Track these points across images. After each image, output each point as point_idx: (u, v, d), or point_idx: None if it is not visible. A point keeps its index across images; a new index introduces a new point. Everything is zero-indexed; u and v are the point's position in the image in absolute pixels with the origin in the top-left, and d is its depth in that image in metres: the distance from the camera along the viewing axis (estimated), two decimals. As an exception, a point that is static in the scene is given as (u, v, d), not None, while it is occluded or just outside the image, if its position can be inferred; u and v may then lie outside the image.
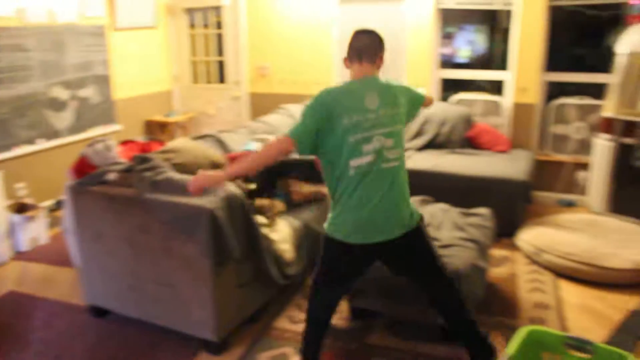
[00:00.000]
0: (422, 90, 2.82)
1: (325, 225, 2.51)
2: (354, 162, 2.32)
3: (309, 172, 3.40)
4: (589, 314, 3.35)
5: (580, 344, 2.07)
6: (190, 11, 6.62)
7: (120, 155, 3.70)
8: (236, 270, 2.94)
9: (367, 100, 2.41)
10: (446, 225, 3.45)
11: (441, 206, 3.75)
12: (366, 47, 2.56)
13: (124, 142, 4.11)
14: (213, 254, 2.70)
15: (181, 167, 3.23)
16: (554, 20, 5.25)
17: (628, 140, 4.39)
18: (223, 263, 2.79)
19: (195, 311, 2.88)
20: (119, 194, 2.98)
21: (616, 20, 5.07)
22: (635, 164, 4.36)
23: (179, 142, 3.55)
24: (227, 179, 2.48)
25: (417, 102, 2.72)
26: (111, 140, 3.77)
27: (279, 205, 3.50)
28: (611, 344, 2.70)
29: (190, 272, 2.82)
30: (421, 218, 2.54)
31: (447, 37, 6.10)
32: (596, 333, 3.12)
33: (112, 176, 3.11)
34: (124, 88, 6.00)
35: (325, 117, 2.34)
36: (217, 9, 6.48)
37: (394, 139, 2.41)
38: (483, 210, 3.68)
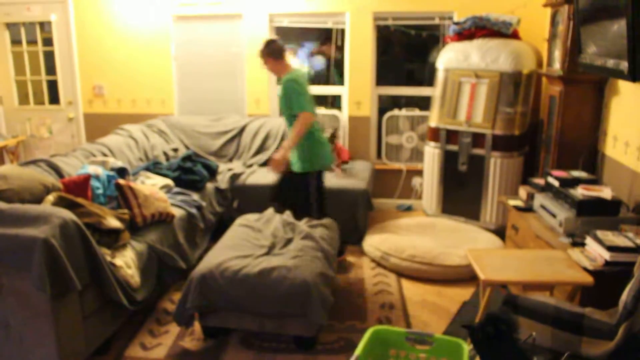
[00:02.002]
0: None
1: (305, 164, 3.92)
2: None
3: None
4: (430, 309, 3.63)
5: (421, 337, 2.23)
6: (11, 26, 6.10)
7: None
8: (80, 301, 2.76)
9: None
10: (296, 237, 3.54)
11: (286, 218, 3.83)
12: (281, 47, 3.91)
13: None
14: (50, 287, 2.51)
15: (9, 195, 2.98)
16: (385, 39, 5.66)
17: (452, 147, 4.84)
18: (63, 295, 2.61)
19: (35, 351, 2.65)
20: None
21: (436, 39, 5.60)
22: (460, 168, 4.82)
23: (5, 169, 3.26)
24: (291, 147, 3.81)
25: None
26: None
27: (125, 235, 3.34)
28: (448, 334, 2.96)
29: (27, 309, 2.60)
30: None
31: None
32: (437, 325, 3.40)
33: None
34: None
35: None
36: (43, 24, 6.05)
37: None
38: (327, 221, 3.83)
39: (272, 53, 3.90)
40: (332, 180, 4.75)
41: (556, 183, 3.44)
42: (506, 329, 1.58)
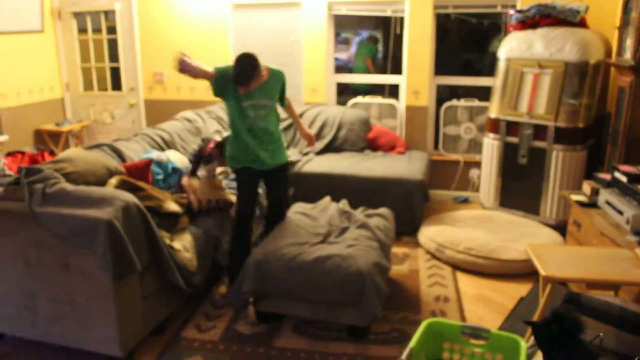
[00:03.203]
0: None
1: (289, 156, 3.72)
2: None
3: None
4: (485, 304, 3.56)
5: (476, 332, 2.19)
6: (78, 15, 6.31)
7: (7, 168, 3.47)
8: (139, 282, 2.85)
9: None
10: (352, 226, 3.53)
11: (342, 207, 3.83)
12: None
13: (11, 154, 3.86)
14: (113, 267, 2.60)
15: (75, 178, 3.08)
16: (444, 28, 5.55)
17: (512, 139, 4.71)
18: (124, 276, 2.69)
19: (97, 327, 2.76)
20: (7, 208, 2.79)
21: (498, 28, 5.44)
22: (520, 161, 4.68)
23: (72, 152, 3.38)
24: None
25: None
26: (-5, 152, 3.53)
27: (184, 219, 3.42)
28: (504, 330, 2.89)
29: (91, 287, 2.70)
30: None
31: (345, 42, 6.25)
32: (492, 320, 3.33)
33: (-2, 190, 2.91)
34: (8, 96, 5.62)
35: None
36: (107, 13, 6.23)
37: None
38: (384, 211, 3.80)
39: (260, 68, 3.31)
40: (388, 170, 4.71)
41: (624, 178, 3.29)
42: (572, 329, 1.52)
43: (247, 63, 3.22)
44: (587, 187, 3.68)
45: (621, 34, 4.09)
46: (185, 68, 3.31)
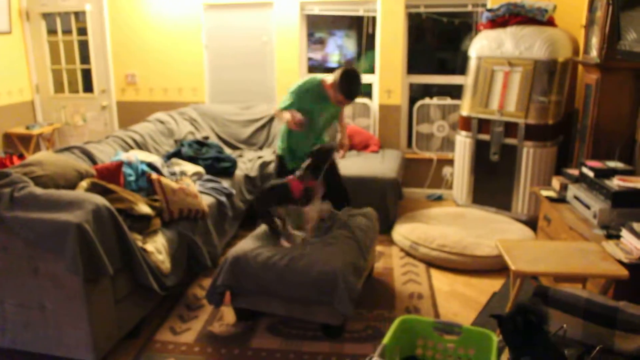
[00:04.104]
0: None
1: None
2: None
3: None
4: (459, 299, 3.60)
5: (448, 327, 2.21)
6: (47, 16, 6.21)
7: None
8: (112, 285, 2.82)
9: None
10: (334, 226, 3.53)
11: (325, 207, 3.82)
12: None
13: (-22, 158, 3.79)
14: (83, 271, 2.56)
15: (44, 181, 3.04)
16: (418, 27, 5.59)
17: (484, 137, 4.77)
18: (96, 279, 2.67)
19: (69, 332, 2.72)
20: (-26, 213, 2.74)
21: (469, 27, 5.51)
22: (492, 158, 4.74)
23: (41, 155, 3.33)
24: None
25: None
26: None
27: (156, 221, 3.38)
28: (477, 325, 2.93)
29: (61, 292, 2.66)
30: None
31: (320, 42, 6.25)
32: (466, 316, 3.37)
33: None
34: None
35: None
36: (78, 14, 6.15)
37: None
38: (367, 210, 3.82)
39: None
40: (362, 168, 4.74)
41: (591, 174, 3.36)
42: (536, 320, 1.55)
43: (359, 80, 3.45)
44: (556, 182, 3.75)
45: (587, 32, 4.17)
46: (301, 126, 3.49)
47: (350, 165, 4.83)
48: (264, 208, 3.34)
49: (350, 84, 3.43)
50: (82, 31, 6.19)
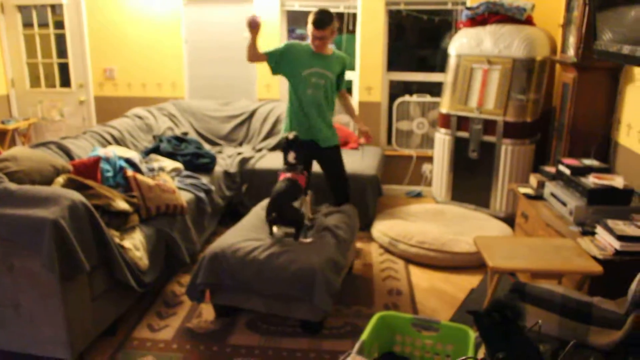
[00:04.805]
0: None
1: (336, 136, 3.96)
2: None
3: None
4: (438, 296, 3.63)
5: (427, 323, 2.23)
6: (24, 9, 6.11)
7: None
8: (88, 282, 2.79)
9: None
10: (314, 222, 3.54)
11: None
12: None
13: (-49, 153, 3.70)
14: (60, 268, 2.53)
15: (20, 177, 2.99)
16: (397, 24, 5.61)
17: (463, 134, 4.80)
18: (72, 276, 2.63)
19: (45, 330, 2.68)
20: (-54, 209, 2.69)
21: (448, 25, 5.54)
22: (470, 155, 4.78)
23: (16, 150, 3.27)
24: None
25: None
26: None
27: (134, 218, 3.35)
28: (455, 321, 2.95)
29: (36, 289, 2.62)
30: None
31: (300, 38, 6.23)
32: (444, 312, 3.39)
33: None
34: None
35: None
36: (54, 7, 6.05)
37: None
38: (347, 207, 3.82)
39: (336, 28, 3.80)
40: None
41: (567, 171, 3.41)
42: (512, 316, 1.57)
43: (325, 11, 3.68)
44: (533, 180, 3.79)
45: (565, 32, 4.22)
46: (255, 24, 3.61)
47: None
48: (288, 211, 3.28)
49: (317, 13, 3.66)
50: (59, 25, 6.09)
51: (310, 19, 3.67)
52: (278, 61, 3.79)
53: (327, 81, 3.79)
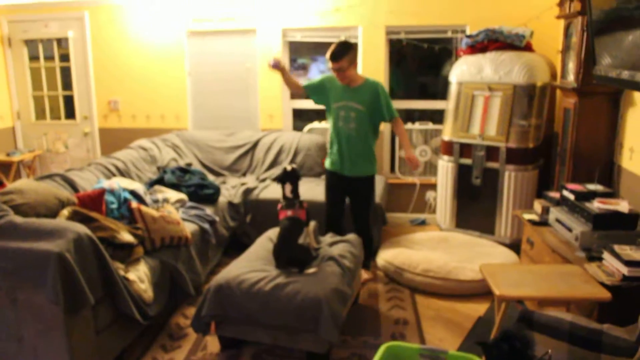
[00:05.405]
0: None
1: (374, 167, 4.08)
2: None
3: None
4: (444, 325, 3.59)
5: (434, 354, 2.21)
6: (30, 42, 6.21)
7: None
8: (93, 315, 2.77)
9: None
10: (320, 252, 3.52)
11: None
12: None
13: (-44, 187, 3.73)
14: (64, 301, 2.52)
15: (25, 210, 3.00)
16: (399, 52, 5.68)
17: (466, 161, 4.81)
18: (76, 309, 2.62)
19: (48, 365, 2.66)
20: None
21: (449, 53, 5.59)
22: (474, 182, 4.78)
23: (21, 183, 3.29)
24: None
25: None
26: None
27: (139, 250, 3.34)
28: (463, 350, 2.92)
29: (40, 322, 2.61)
30: None
31: (302, 68, 6.30)
32: (452, 341, 3.35)
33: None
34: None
35: None
36: (60, 40, 6.15)
37: None
38: (351, 236, 3.81)
39: (355, 58, 3.83)
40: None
41: (572, 196, 3.40)
42: (521, 347, 1.55)
43: (341, 42, 3.76)
44: (538, 205, 3.78)
45: (564, 57, 4.26)
46: (277, 66, 3.79)
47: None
48: (294, 251, 3.29)
49: (333, 46, 3.76)
50: (65, 57, 6.18)
51: (328, 53, 3.76)
52: (313, 93, 3.99)
53: (358, 113, 3.86)
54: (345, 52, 3.73)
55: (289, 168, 3.45)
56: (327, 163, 4.13)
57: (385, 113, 3.94)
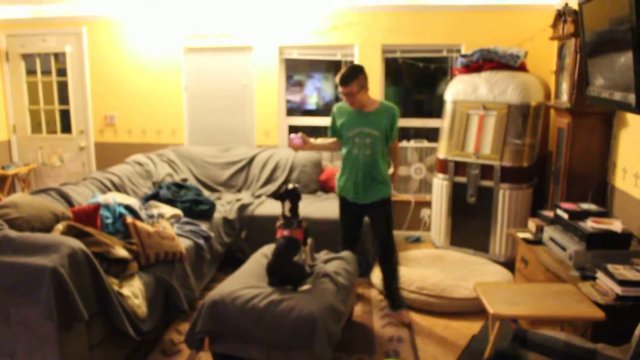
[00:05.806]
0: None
1: (389, 189, 3.90)
2: None
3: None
4: (439, 342, 3.58)
5: (429, 372, 2.21)
6: (27, 57, 6.23)
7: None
8: (86, 331, 2.76)
9: None
10: (315, 270, 3.52)
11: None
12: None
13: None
14: (58, 316, 2.51)
15: (19, 224, 2.99)
16: (394, 71, 5.73)
17: (460, 179, 4.84)
18: (70, 325, 2.61)
19: (40, 380, 2.64)
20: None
21: (444, 72, 5.65)
22: (469, 200, 4.80)
23: (16, 197, 3.29)
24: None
25: None
26: None
27: (133, 265, 3.33)
28: (457, 368, 2.91)
29: (33, 338, 2.60)
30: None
31: (298, 84, 6.34)
32: (445, 359, 3.34)
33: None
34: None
35: None
36: (57, 55, 6.18)
37: None
38: (346, 254, 3.81)
39: (365, 82, 3.67)
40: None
41: (565, 215, 3.42)
42: (515, 365, 1.56)
43: (351, 66, 3.68)
44: (532, 224, 3.80)
45: (558, 78, 4.32)
46: (294, 146, 3.77)
47: (328, 208, 4.83)
48: (288, 269, 3.26)
49: (344, 69, 3.65)
50: (62, 72, 6.20)
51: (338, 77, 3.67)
52: (337, 131, 3.87)
53: (373, 139, 3.72)
54: (354, 76, 3.60)
55: (290, 186, 3.44)
56: (339, 189, 3.96)
57: (395, 136, 3.85)
